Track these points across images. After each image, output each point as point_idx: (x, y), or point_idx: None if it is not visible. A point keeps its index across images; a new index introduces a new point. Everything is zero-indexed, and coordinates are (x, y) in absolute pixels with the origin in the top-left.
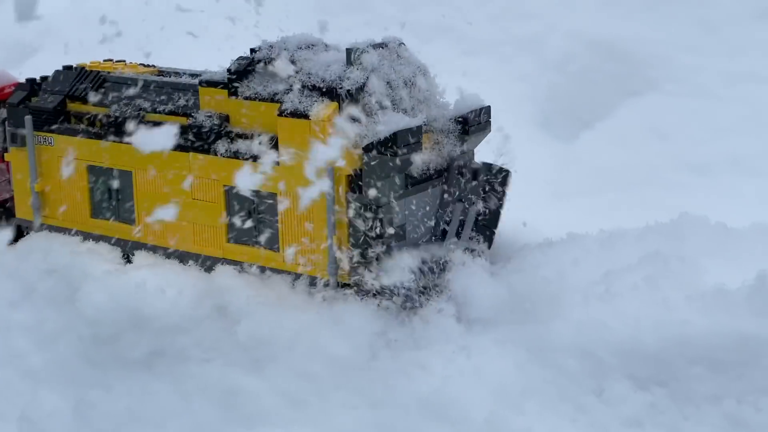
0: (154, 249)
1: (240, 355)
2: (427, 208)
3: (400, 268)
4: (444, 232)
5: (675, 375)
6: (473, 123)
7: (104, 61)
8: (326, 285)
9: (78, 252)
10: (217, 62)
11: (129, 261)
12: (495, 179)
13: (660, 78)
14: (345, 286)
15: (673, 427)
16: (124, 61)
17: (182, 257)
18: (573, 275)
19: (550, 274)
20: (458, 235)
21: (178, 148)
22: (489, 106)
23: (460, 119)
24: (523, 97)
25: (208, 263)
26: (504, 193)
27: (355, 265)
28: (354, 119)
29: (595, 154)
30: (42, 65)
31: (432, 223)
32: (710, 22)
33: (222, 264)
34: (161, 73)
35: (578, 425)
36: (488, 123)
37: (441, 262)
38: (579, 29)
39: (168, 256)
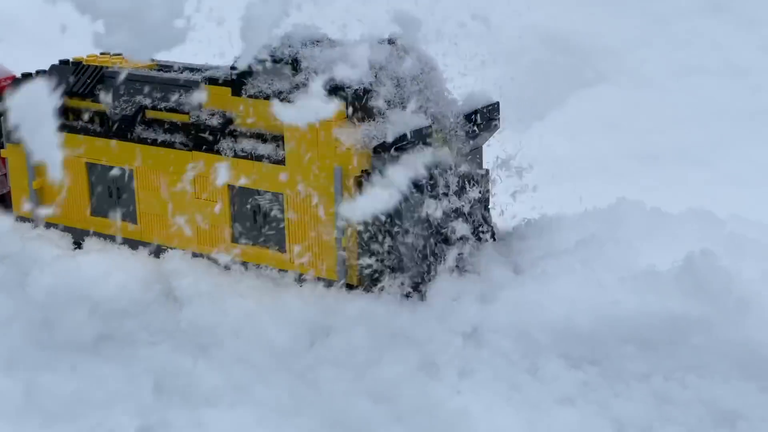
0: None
1: (186, 340)
2: (433, 211)
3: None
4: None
5: (607, 354)
6: (482, 120)
7: (101, 54)
8: (332, 286)
9: (28, 238)
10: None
11: (79, 247)
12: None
13: (610, 70)
14: (351, 287)
15: (604, 403)
16: (121, 54)
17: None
18: (514, 258)
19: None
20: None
21: (181, 146)
22: (497, 103)
23: (469, 117)
24: (475, 89)
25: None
26: (487, 194)
27: (364, 267)
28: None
29: (546, 145)
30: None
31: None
32: (660, 16)
33: (226, 266)
34: (161, 67)
35: (512, 403)
36: (497, 120)
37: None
38: (532, 22)
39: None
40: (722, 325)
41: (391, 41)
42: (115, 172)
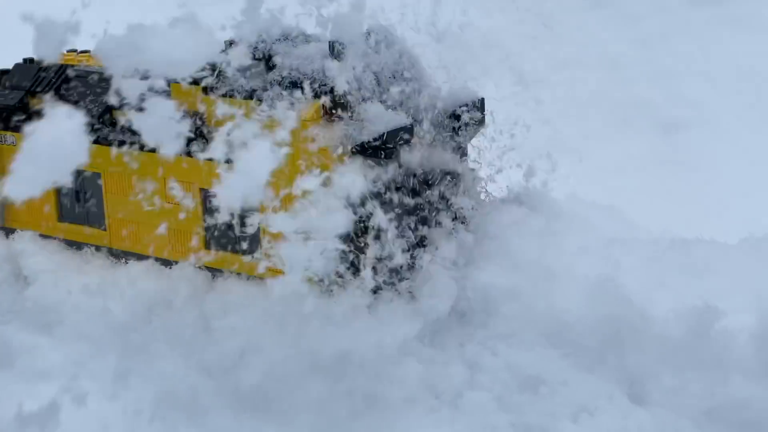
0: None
1: (31, 318)
2: (413, 212)
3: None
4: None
5: (432, 327)
6: (467, 118)
7: (67, 52)
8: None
9: None
10: None
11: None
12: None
13: (492, 65)
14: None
15: None
16: (88, 51)
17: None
18: None
19: None
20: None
21: (149, 149)
22: (483, 99)
23: (453, 114)
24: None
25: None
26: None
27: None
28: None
29: None
30: None
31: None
32: (544, 11)
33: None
34: None
35: None
36: (483, 116)
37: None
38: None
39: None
40: (531, 295)
41: (369, 35)
42: (83, 176)
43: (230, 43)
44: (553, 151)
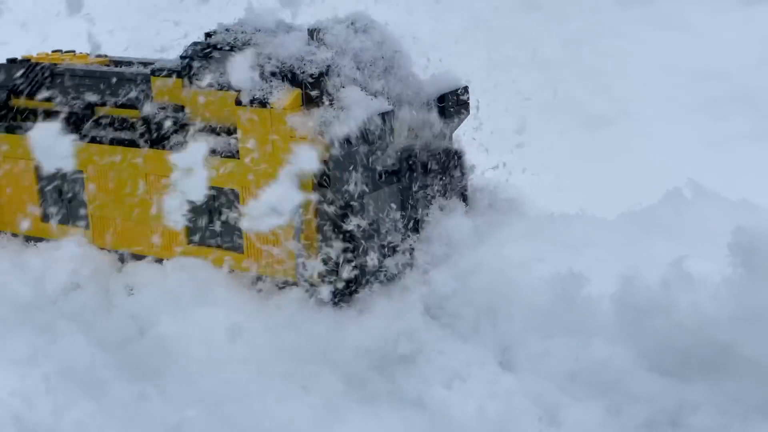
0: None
1: None
2: (399, 201)
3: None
4: (415, 226)
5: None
6: (451, 105)
7: (52, 52)
8: (293, 286)
9: None
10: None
11: None
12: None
13: (429, 66)
14: (313, 286)
15: None
16: (74, 51)
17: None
18: None
19: None
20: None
21: (131, 143)
22: (467, 86)
23: (437, 101)
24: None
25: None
26: (463, 177)
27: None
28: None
29: None
30: None
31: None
32: (480, 14)
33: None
34: (114, 63)
35: None
36: (467, 104)
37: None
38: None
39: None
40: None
41: (351, 21)
42: (65, 174)
43: (209, 34)
44: (487, 147)
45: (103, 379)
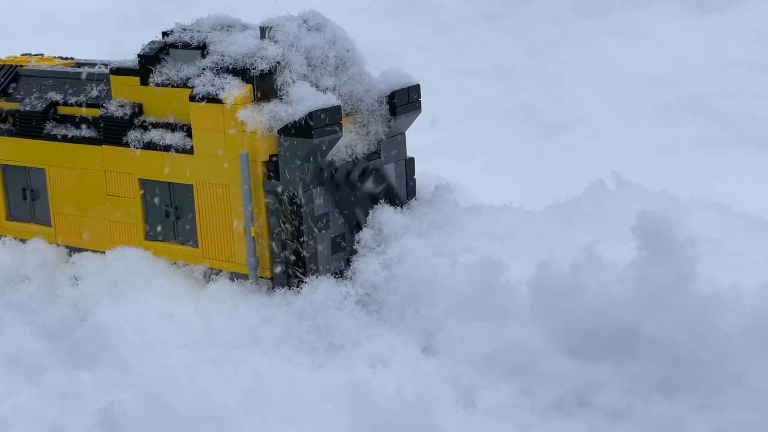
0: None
1: None
2: (346, 198)
3: None
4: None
5: None
6: (401, 103)
7: (21, 55)
8: (245, 280)
9: None
10: None
11: None
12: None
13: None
14: (266, 279)
15: None
16: (42, 54)
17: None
18: None
19: None
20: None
21: (91, 141)
22: (418, 85)
23: (387, 99)
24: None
25: None
26: (412, 181)
27: (277, 259)
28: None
29: None
30: None
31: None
32: (442, 24)
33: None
34: (78, 65)
35: None
36: (418, 103)
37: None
38: None
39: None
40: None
41: (304, 19)
42: (28, 173)
43: (166, 33)
44: (447, 153)
45: (44, 365)
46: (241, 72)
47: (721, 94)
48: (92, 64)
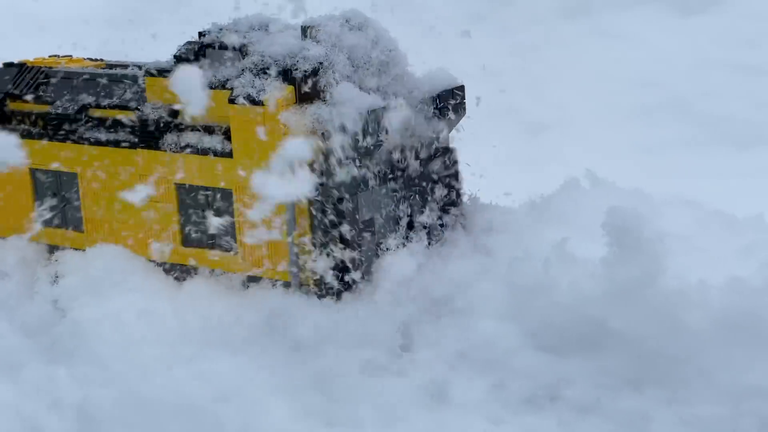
0: None
1: None
2: (394, 199)
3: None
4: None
5: None
6: (447, 105)
7: (49, 56)
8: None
9: None
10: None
11: None
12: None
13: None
14: (307, 287)
15: None
16: (70, 55)
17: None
18: None
19: None
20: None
21: (125, 144)
22: (463, 86)
23: (434, 100)
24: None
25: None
26: (456, 172)
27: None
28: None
29: None
30: None
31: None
32: (427, 25)
33: (176, 271)
34: (110, 66)
35: None
36: (463, 104)
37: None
38: None
39: None
40: None
41: (346, 19)
42: (59, 177)
43: (202, 34)
44: None
45: (22, 361)
46: (282, 73)
47: (702, 94)
48: (124, 66)
